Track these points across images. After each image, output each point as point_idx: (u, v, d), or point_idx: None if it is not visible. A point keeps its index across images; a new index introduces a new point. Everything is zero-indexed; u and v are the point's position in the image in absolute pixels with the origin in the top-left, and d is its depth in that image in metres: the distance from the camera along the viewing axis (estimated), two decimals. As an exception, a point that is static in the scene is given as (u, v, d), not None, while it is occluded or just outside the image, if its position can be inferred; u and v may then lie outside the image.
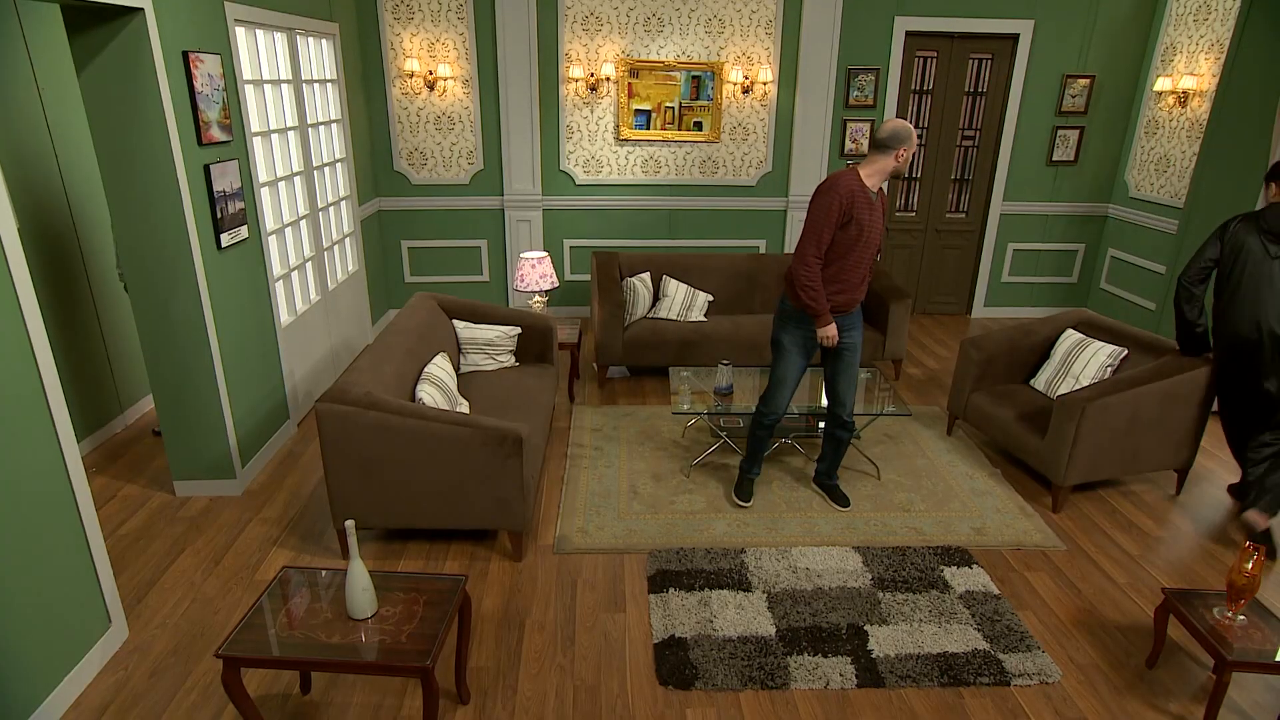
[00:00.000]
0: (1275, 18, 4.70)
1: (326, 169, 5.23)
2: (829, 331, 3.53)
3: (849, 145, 6.46)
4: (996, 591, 3.29)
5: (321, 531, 3.66)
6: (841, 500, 3.93)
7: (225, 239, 3.81)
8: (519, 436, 3.22)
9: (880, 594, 3.25)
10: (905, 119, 6.58)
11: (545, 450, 4.31)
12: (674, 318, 5.46)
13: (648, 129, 6.31)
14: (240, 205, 3.94)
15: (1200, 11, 5.76)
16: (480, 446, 3.21)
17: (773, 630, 3.03)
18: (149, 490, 3.98)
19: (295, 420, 4.68)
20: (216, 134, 3.71)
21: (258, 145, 4.24)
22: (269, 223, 4.36)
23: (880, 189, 3.46)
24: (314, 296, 5.01)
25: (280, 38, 4.57)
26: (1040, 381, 4.40)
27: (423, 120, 6.21)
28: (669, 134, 6.33)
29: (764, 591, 3.25)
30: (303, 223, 4.84)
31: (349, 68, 5.67)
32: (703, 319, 5.49)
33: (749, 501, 3.92)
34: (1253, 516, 3.56)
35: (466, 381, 4.25)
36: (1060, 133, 6.51)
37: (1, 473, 2.40)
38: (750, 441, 3.94)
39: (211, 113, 3.66)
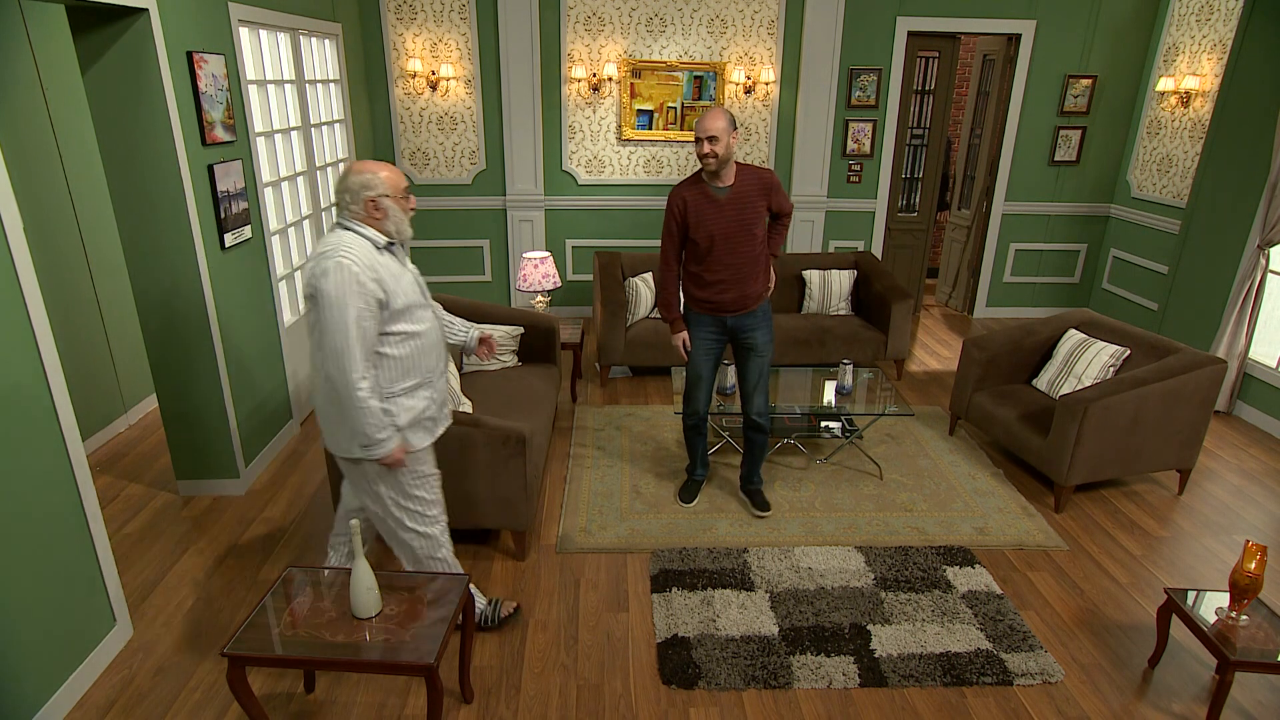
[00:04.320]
0: (1277, 18, 4.70)
1: (330, 169, 5.23)
2: (675, 340, 3.62)
3: (850, 145, 6.46)
4: (999, 591, 3.29)
5: (325, 531, 3.66)
6: (761, 505, 3.84)
7: (229, 239, 3.81)
8: (522, 436, 3.22)
9: (883, 594, 3.25)
10: (909, 117, 6.58)
11: (548, 450, 4.32)
12: (676, 318, 5.46)
13: (650, 129, 6.31)
14: (244, 205, 3.94)
15: (1202, 12, 5.76)
16: (483, 446, 3.22)
17: (775, 630, 3.03)
18: (152, 490, 3.99)
19: (298, 420, 4.68)
20: (220, 134, 3.72)
21: (261, 145, 4.24)
22: (272, 222, 4.37)
23: (754, 180, 3.36)
24: (317, 296, 5.01)
25: (283, 38, 4.58)
26: (1042, 381, 4.40)
27: (425, 120, 6.22)
28: (671, 134, 6.33)
29: (767, 591, 3.25)
30: (306, 223, 4.85)
31: (352, 68, 5.68)
32: (705, 319, 5.49)
33: (691, 502, 3.91)
34: None
35: (469, 381, 4.25)
36: (1062, 133, 6.51)
37: (7, 472, 2.41)
38: (686, 444, 3.95)
39: (215, 113, 3.67)
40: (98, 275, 4.40)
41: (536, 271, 5.02)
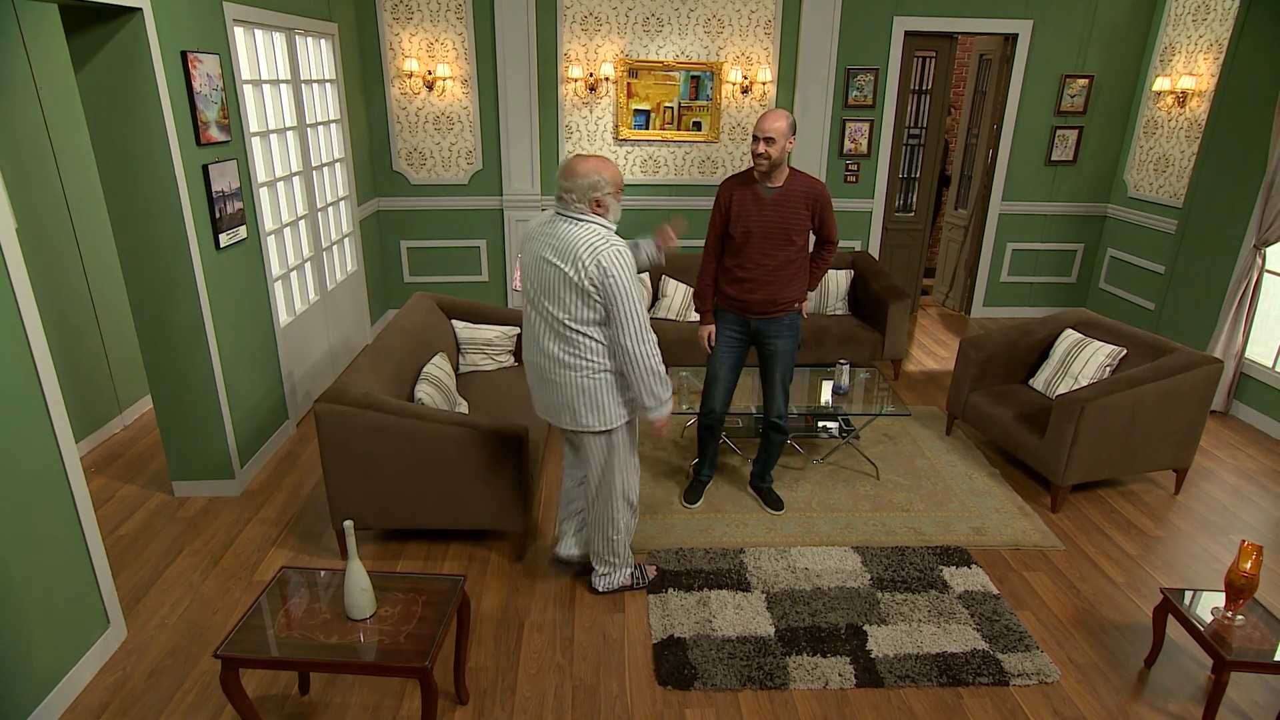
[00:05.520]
0: (1274, 18, 4.70)
1: (325, 169, 5.22)
2: (701, 333, 3.65)
3: (848, 145, 6.46)
4: (995, 591, 3.29)
5: (320, 532, 3.66)
6: (774, 504, 3.87)
7: (224, 239, 3.80)
8: (519, 436, 3.22)
9: (879, 594, 3.25)
10: (906, 117, 6.58)
11: (544, 450, 4.31)
12: (673, 318, 5.46)
13: (647, 129, 6.31)
14: (239, 205, 3.93)
15: (1199, 11, 5.77)
16: (479, 446, 3.21)
17: (772, 630, 3.03)
18: (147, 490, 3.97)
19: (294, 420, 4.67)
20: (215, 134, 3.70)
21: (256, 145, 4.23)
22: (268, 223, 4.36)
23: (804, 187, 3.37)
24: (313, 297, 5.01)
25: (279, 38, 4.56)
26: (1039, 381, 4.40)
27: (421, 120, 6.21)
28: (668, 134, 6.33)
29: (763, 591, 3.25)
30: (301, 223, 4.84)
31: (348, 68, 5.66)
32: (702, 319, 5.49)
33: (695, 504, 3.90)
34: None
35: (465, 381, 4.25)
36: (1059, 133, 6.51)
37: (0, 474, 2.40)
38: (698, 442, 3.95)
39: (210, 113, 3.66)
40: (92, 275, 4.39)
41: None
